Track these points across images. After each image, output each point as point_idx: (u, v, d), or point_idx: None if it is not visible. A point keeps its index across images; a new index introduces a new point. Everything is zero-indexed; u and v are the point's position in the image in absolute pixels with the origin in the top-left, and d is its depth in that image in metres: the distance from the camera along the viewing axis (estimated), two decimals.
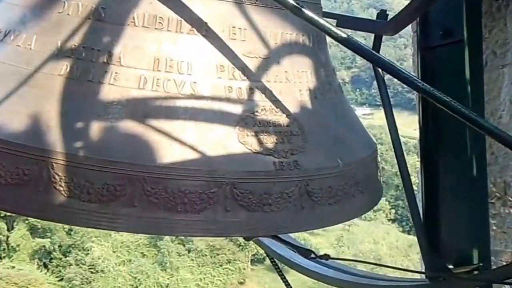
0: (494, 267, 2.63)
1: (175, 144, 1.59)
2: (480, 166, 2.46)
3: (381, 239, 58.93)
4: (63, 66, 1.61)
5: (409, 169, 2.51)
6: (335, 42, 1.56)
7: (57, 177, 1.51)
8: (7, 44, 1.68)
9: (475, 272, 2.37)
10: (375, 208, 2.23)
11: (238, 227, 1.62)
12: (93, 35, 1.63)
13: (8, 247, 51.13)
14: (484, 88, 2.54)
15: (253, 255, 53.40)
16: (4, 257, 50.53)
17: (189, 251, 54.17)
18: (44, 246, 51.17)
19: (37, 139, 1.53)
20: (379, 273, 2.86)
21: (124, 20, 1.64)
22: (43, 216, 1.60)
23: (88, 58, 1.61)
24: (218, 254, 53.67)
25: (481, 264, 2.40)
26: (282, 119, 1.74)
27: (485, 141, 2.52)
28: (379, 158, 2.21)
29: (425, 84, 1.60)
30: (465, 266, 2.41)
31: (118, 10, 1.65)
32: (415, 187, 2.59)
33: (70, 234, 50.72)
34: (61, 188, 1.51)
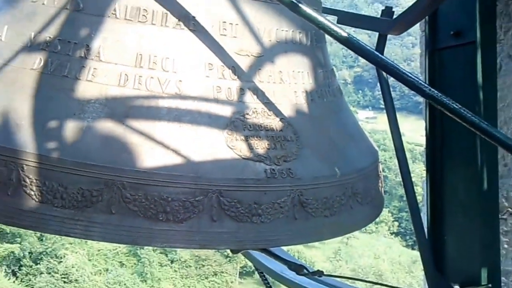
0: None
1: (158, 148, 1.58)
2: (491, 178, 2.47)
3: (382, 253, 59.04)
4: (37, 60, 1.60)
5: (415, 178, 2.51)
6: None
7: (27, 180, 1.50)
8: None
9: None
10: (377, 220, 2.23)
11: (224, 238, 1.62)
12: (70, 27, 1.62)
13: None
14: (497, 94, 2.55)
15: (241, 267, 53.40)
16: None
17: (172, 262, 54.15)
18: (13, 252, 50.94)
19: (7, 139, 1.53)
20: None
21: (104, 12, 1.63)
22: (11, 222, 1.57)
23: (64, 52, 1.60)
24: (203, 266, 53.65)
25: (490, 285, 2.41)
26: (275, 123, 1.73)
27: (497, 152, 2.53)
28: (381, 166, 2.21)
29: (432, 89, 1.60)
30: (472, 287, 2.43)
31: (98, 0, 1.64)
32: (420, 198, 2.59)
33: (41, 240, 50.55)
34: (32, 192, 1.50)
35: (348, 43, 1.53)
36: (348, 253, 58.13)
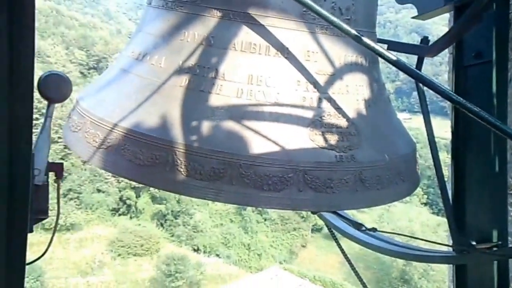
0: (510, 245, 2.49)
1: (263, 140, 1.58)
2: (501, 163, 2.33)
3: (414, 218, 56.64)
4: (183, 80, 1.64)
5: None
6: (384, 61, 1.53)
7: (178, 161, 1.54)
8: (144, 62, 1.73)
9: (494, 249, 2.27)
10: None
11: (307, 203, 1.61)
12: (205, 56, 1.65)
13: (136, 210, 53.81)
14: (507, 101, 2.41)
15: (313, 225, 53.02)
16: (133, 217, 53.28)
17: (265, 220, 54.68)
18: (161, 210, 53.37)
19: (165, 134, 1.57)
20: (413, 245, 2.77)
21: (227, 46, 1.65)
22: (169, 188, 1.61)
23: (201, 74, 1.63)
24: (286, 223, 53.73)
25: (500, 242, 2.28)
26: (343, 122, 1.70)
27: (507, 143, 2.39)
28: (416, 154, 2.11)
29: (459, 97, 1.52)
30: (486, 243, 2.31)
31: (223, 38, 1.65)
32: (445, 178, 2.49)
33: (179, 202, 52.51)
34: (181, 169, 1.54)
35: (397, 64, 1.47)
36: (389, 217, 56.12)
